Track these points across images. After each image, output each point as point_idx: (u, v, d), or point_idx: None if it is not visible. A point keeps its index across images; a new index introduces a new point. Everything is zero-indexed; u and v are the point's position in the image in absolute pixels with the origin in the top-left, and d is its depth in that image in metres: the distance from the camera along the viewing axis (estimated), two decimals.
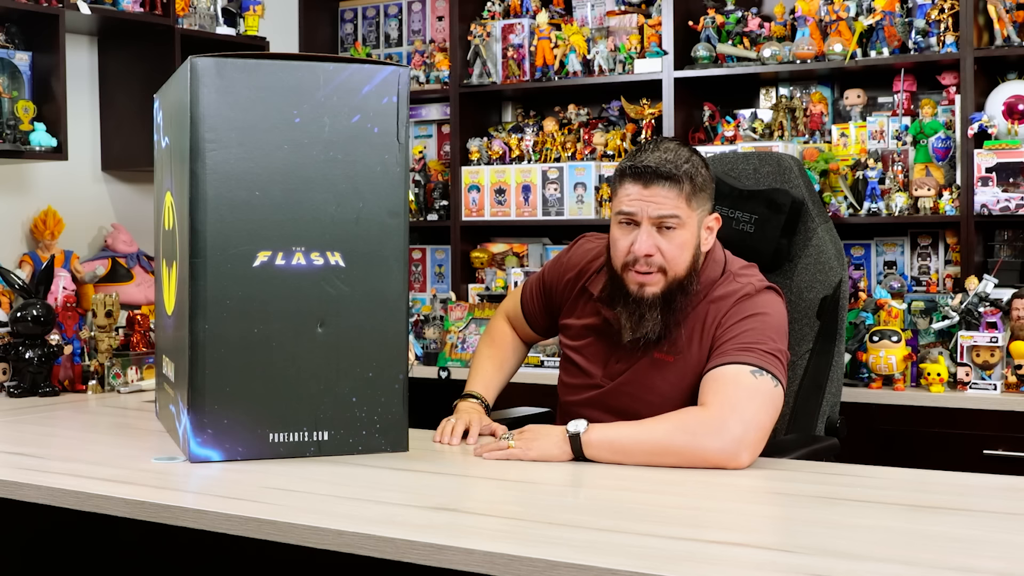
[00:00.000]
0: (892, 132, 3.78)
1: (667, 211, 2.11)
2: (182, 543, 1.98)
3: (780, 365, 2.07)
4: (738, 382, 2.02)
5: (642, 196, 2.11)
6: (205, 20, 4.03)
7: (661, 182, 2.10)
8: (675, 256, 2.13)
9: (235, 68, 2.01)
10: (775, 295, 2.19)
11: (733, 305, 2.14)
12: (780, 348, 2.09)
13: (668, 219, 2.11)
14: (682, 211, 2.12)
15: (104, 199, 4.01)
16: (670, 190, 2.11)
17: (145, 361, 3.07)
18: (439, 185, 4.48)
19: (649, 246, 2.11)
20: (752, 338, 2.08)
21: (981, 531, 1.59)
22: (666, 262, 2.13)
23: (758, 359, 2.04)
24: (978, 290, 3.36)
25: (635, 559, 1.43)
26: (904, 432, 3.31)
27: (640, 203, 2.12)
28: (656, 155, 2.12)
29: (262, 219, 2.02)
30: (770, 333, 2.09)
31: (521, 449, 2.03)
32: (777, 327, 2.12)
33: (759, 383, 2.01)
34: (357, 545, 1.58)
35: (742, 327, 2.10)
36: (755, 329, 2.09)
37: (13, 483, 1.95)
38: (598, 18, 4.32)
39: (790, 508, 1.82)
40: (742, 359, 2.04)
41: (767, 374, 2.03)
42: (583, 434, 1.99)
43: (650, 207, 2.11)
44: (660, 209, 2.11)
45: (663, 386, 2.17)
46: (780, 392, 2.05)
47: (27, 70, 3.54)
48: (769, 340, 2.08)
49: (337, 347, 2.06)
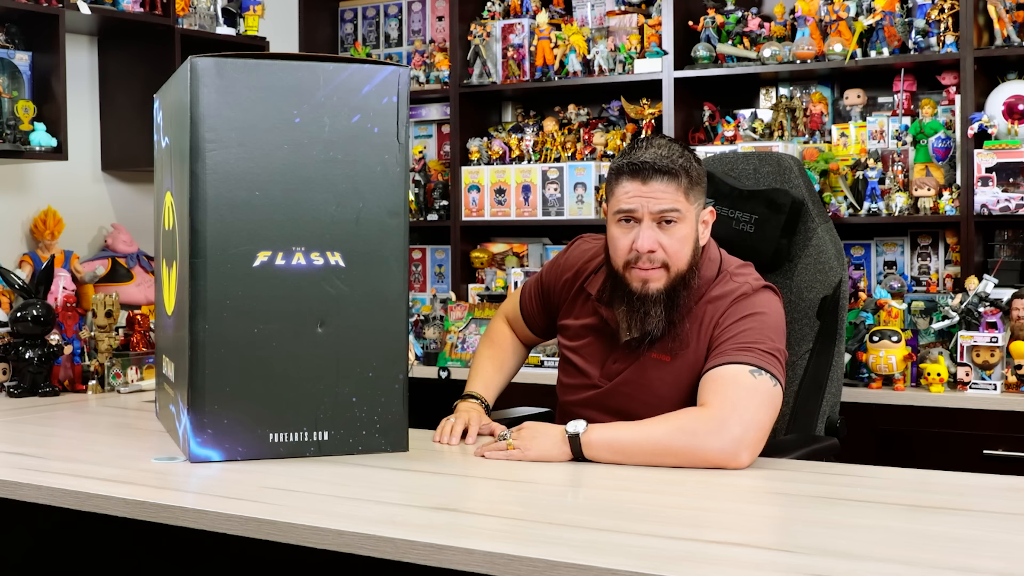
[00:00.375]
0: (892, 132, 3.78)
1: (667, 205, 2.11)
2: (182, 543, 1.98)
3: (779, 364, 2.07)
4: (737, 382, 2.02)
5: (641, 192, 2.11)
6: (205, 20, 4.03)
7: (660, 177, 2.11)
8: (677, 250, 2.13)
9: (235, 68, 2.01)
10: (772, 294, 2.19)
11: (730, 305, 2.14)
12: (778, 347, 2.09)
13: (669, 213, 2.11)
14: (681, 205, 2.12)
15: (104, 199, 4.01)
16: (668, 184, 2.11)
17: (145, 361, 3.07)
18: (439, 185, 4.48)
19: (652, 242, 2.12)
20: (750, 338, 2.08)
21: (981, 531, 1.59)
22: (668, 257, 2.13)
23: (757, 359, 2.04)
24: (978, 290, 3.36)
25: (635, 559, 1.43)
26: (904, 432, 3.31)
27: (640, 199, 2.12)
28: (651, 151, 2.13)
29: (262, 219, 2.02)
30: (768, 332, 2.10)
31: (521, 449, 2.03)
32: (775, 326, 2.13)
33: (758, 383, 2.01)
34: (357, 545, 1.58)
35: (740, 327, 2.10)
36: (753, 329, 2.09)
37: (13, 483, 1.95)
38: (598, 18, 4.32)
39: (790, 508, 1.82)
40: (741, 359, 2.04)
41: (766, 373, 2.03)
42: (582, 435, 1.99)
43: (650, 202, 2.11)
44: (660, 204, 2.11)
45: (660, 386, 2.17)
46: (779, 391, 2.05)
47: (27, 70, 3.54)
48: (767, 339, 2.08)
49: (337, 347, 2.06)
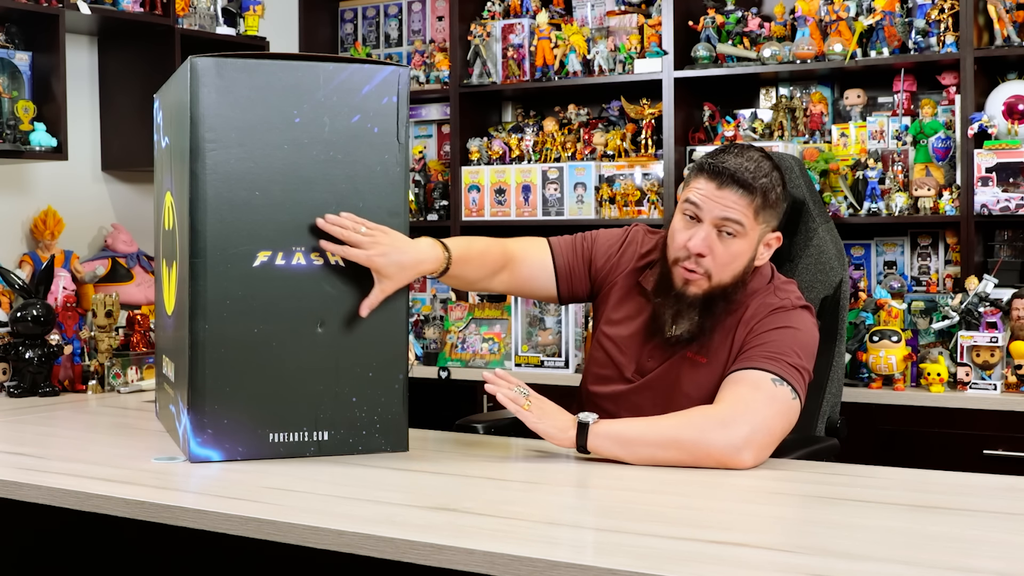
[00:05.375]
0: (892, 132, 3.78)
1: (731, 215, 2.09)
2: (182, 543, 1.98)
3: (802, 380, 2.06)
4: (757, 386, 2.01)
5: (712, 195, 2.10)
6: (205, 20, 4.03)
7: (735, 187, 2.09)
8: (725, 263, 2.12)
9: (235, 68, 2.01)
10: (810, 315, 2.18)
11: (767, 315, 2.13)
12: (804, 365, 2.08)
13: (730, 224, 2.09)
14: (747, 221, 2.10)
15: (104, 199, 4.01)
16: (741, 197, 2.09)
17: (145, 361, 3.07)
18: (439, 185, 4.48)
19: (704, 246, 2.10)
20: (778, 348, 2.07)
21: (981, 531, 1.59)
22: (714, 267, 2.11)
23: (781, 369, 2.03)
24: (978, 290, 3.36)
25: (635, 559, 1.43)
26: (904, 432, 3.31)
27: (708, 201, 2.10)
28: (738, 160, 2.11)
29: (262, 219, 2.02)
30: (797, 348, 2.08)
31: (535, 415, 2.02)
32: (805, 345, 2.11)
33: (777, 391, 2.01)
34: (357, 545, 1.58)
35: (771, 337, 2.09)
36: (783, 341, 2.08)
37: (13, 483, 1.95)
38: (598, 18, 4.32)
39: (790, 508, 1.82)
40: (766, 366, 2.04)
41: (787, 385, 2.02)
42: (592, 425, 1.99)
43: (716, 207, 2.09)
44: (725, 212, 2.09)
45: (691, 387, 2.16)
46: (797, 405, 2.04)
47: (27, 70, 3.54)
48: (795, 354, 2.07)
49: (337, 347, 2.06)
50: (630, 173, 4.08)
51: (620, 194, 4.07)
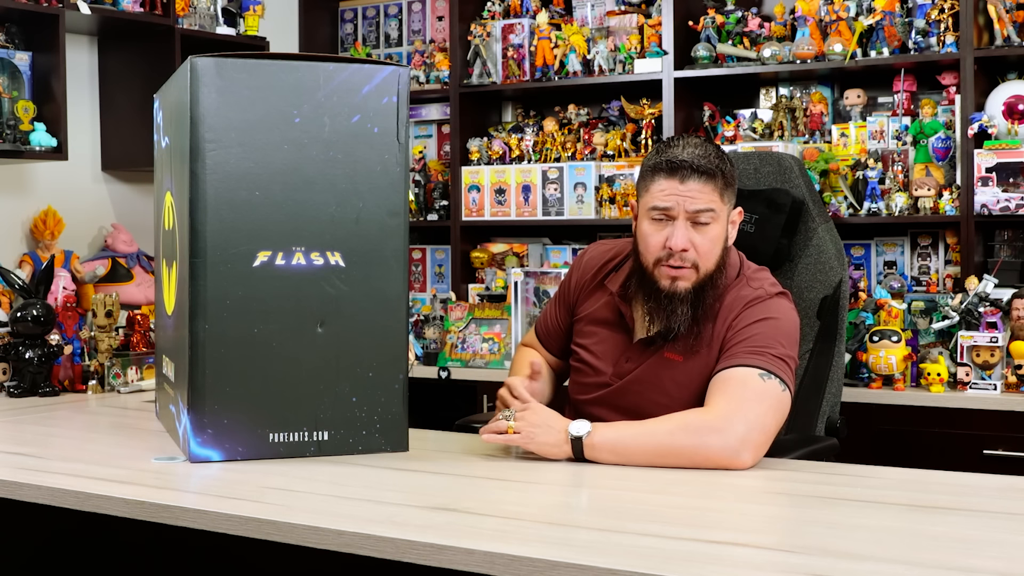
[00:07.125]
0: (892, 132, 3.78)
1: (703, 205, 2.11)
2: (182, 543, 1.98)
3: (788, 370, 2.07)
4: (746, 384, 2.02)
5: (678, 191, 2.11)
6: (205, 20, 4.03)
7: (697, 177, 2.10)
8: (708, 251, 2.13)
9: (235, 68, 2.01)
10: (787, 301, 2.19)
11: (744, 308, 2.14)
12: (789, 354, 2.09)
13: (704, 213, 2.11)
14: (716, 205, 2.12)
15: (104, 199, 4.01)
16: (705, 184, 2.11)
17: (145, 361, 3.07)
18: (439, 185, 4.48)
19: (686, 241, 2.11)
20: (762, 342, 2.07)
21: (981, 531, 1.59)
22: (699, 257, 2.13)
23: (767, 363, 2.04)
24: (978, 290, 3.36)
25: (635, 559, 1.43)
26: (904, 432, 3.31)
27: (676, 197, 2.11)
28: (688, 150, 2.12)
29: (262, 219, 2.02)
30: (780, 338, 2.09)
31: (523, 436, 2.03)
32: (787, 333, 2.12)
33: (767, 386, 2.01)
34: (357, 545, 1.58)
35: (753, 331, 2.10)
36: (765, 333, 2.09)
37: (13, 483, 1.95)
38: (598, 18, 4.32)
39: (790, 508, 1.82)
40: (751, 362, 2.04)
41: (775, 378, 2.03)
42: (585, 438, 1.99)
43: (687, 202, 2.10)
44: (696, 203, 2.10)
45: (672, 386, 2.17)
46: (787, 397, 2.05)
47: (27, 70, 3.54)
48: (779, 345, 2.08)
49: (337, 347, 2.06)
50: (630, 173, 4.08)
51: (620, 194, 4.07)
